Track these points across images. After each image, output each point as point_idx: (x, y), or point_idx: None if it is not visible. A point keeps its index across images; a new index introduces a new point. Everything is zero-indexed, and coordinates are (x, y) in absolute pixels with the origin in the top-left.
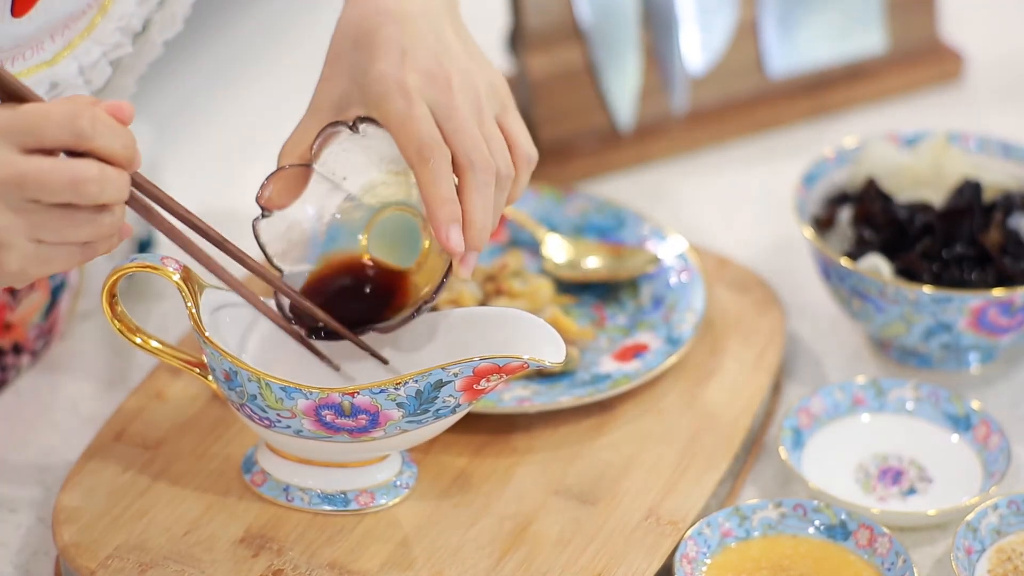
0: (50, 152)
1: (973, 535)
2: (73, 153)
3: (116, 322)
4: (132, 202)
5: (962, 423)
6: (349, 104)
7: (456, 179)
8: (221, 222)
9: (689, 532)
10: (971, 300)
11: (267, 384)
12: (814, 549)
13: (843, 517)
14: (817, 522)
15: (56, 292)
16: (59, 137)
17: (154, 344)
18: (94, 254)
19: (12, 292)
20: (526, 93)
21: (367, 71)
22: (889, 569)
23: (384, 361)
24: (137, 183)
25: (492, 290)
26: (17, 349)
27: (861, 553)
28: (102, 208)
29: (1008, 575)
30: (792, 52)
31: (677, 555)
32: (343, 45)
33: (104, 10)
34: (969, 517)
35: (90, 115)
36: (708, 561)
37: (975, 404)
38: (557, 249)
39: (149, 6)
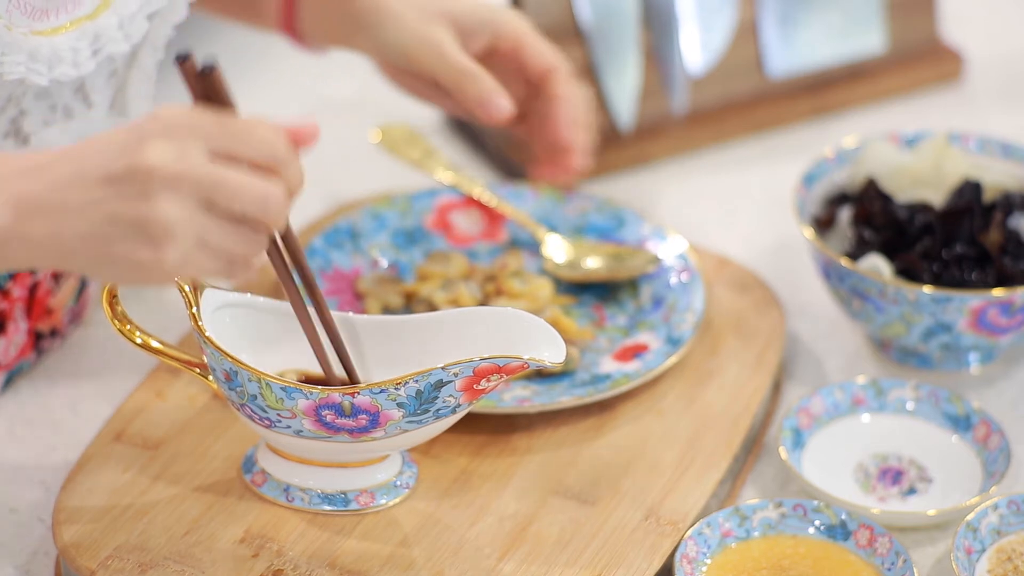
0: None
1: (973, 535)
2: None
3: (116, 322)
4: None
5: (962, 423)
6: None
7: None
8: None
9: (689, 532)
10: (971, 300)
11: (267, 384)
12: (814, 549)
13: (843, 517)
14: (817, 522)
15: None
16: (255, 155)
17: (154, 344)
18: (233, 274)
19: (56, 277)
20: None
21: (483, 14)
22: (889, 569)
23: (356, 382)
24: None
25: (492, 290)
26: (53, 333)
27: (861, 553)
28: (263, 229)
29: (1008, 575)
30: (792, 52)
31: (677, 555)
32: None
33: None
34: (969, 517)
35: (286, 144)
36: (708, 561)
37: (975, 404)
38: (557, 249)
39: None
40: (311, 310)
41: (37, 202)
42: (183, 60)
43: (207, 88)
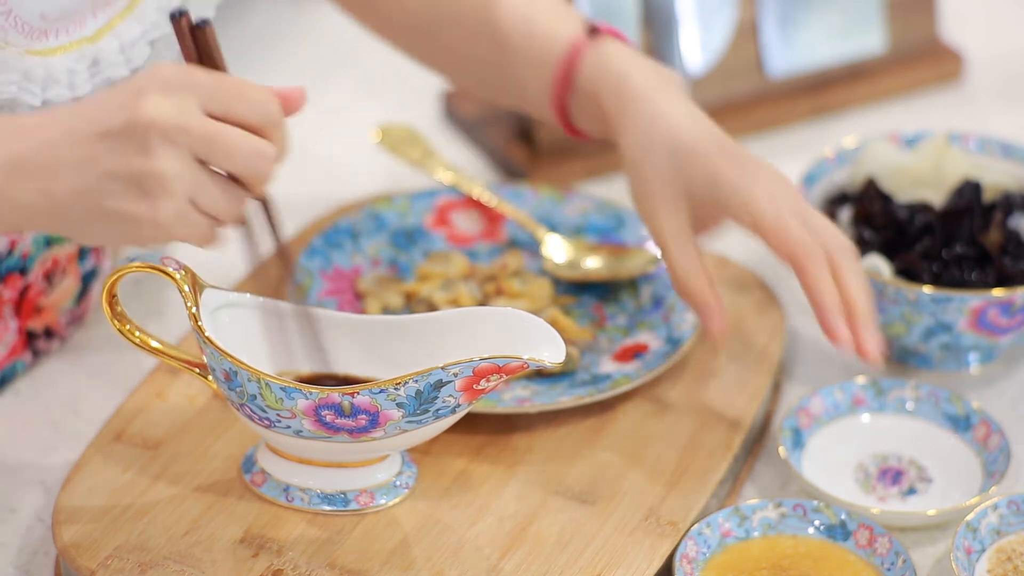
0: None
1: (973, 535)
2: None
3: (116, 322)
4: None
5: (962, 423)
6: (705, 215)
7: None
8: None
9: (689, 532)
10: (971, 300)
11: (267, 384)
12: (814, 549)
13: (843, 517)
14: (817, 522)
15: (87, 279)
16: (247, 114)
17: (154, 344)
18: (213, 240)
19: (48, 277)
20: None
21: (718, 184)
22: (889, 569)
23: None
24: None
25: (492, 290)
26: (49, 333)
27: (861, 553)
28: (248, 191)
29: (1008, 575)
30: (792, 52)
31: (677, 555)
32: (663, 165)
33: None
34: (969, 517)
35: (278, 104)
36: (708, 561)
37: (975, 404)
38: (557, 249)
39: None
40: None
41: (27, 161)
42: (178, 17)
43: (200, 45)
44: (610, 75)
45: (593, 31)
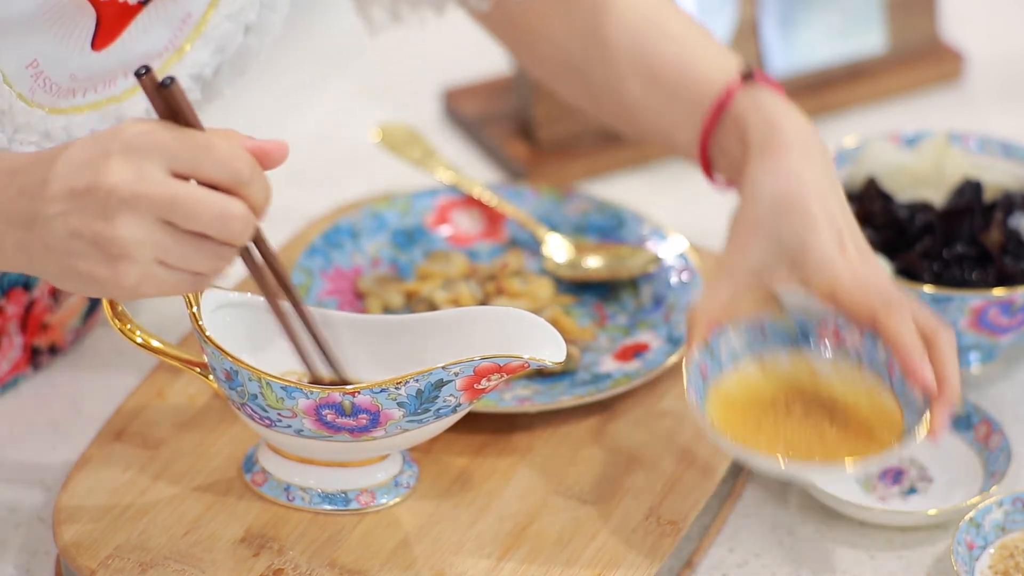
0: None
1: (976, 531)
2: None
3: (117, 322)
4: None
5: (962, 423)
6: (772, 271)
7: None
8: None
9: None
10: (971, 300)
11: (268, 384)
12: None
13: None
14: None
15: (95, 298)
16: (216, 174)
17: (154, 344)
18: (200, 287)
19: (54, 295)
20: (526, 93)
21: (805, 245)
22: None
23: (345, 381)
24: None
25: (493, 290)
26: (53, 350)
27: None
28: (227, 246)
29: (1010, 571)
30: (792, 52)
31: (692, 365)
32: (759, 211)
33: (181, 53)
34: (972, 513)
35: (249, 161)
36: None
37: (976, 404)
38: (557, 249)
39: (223, 56)
40: (291, 310)
41: (6, 208)
42: (142, 74)
43: (168, 103)
44: (760, 122)
45: (748, 76)
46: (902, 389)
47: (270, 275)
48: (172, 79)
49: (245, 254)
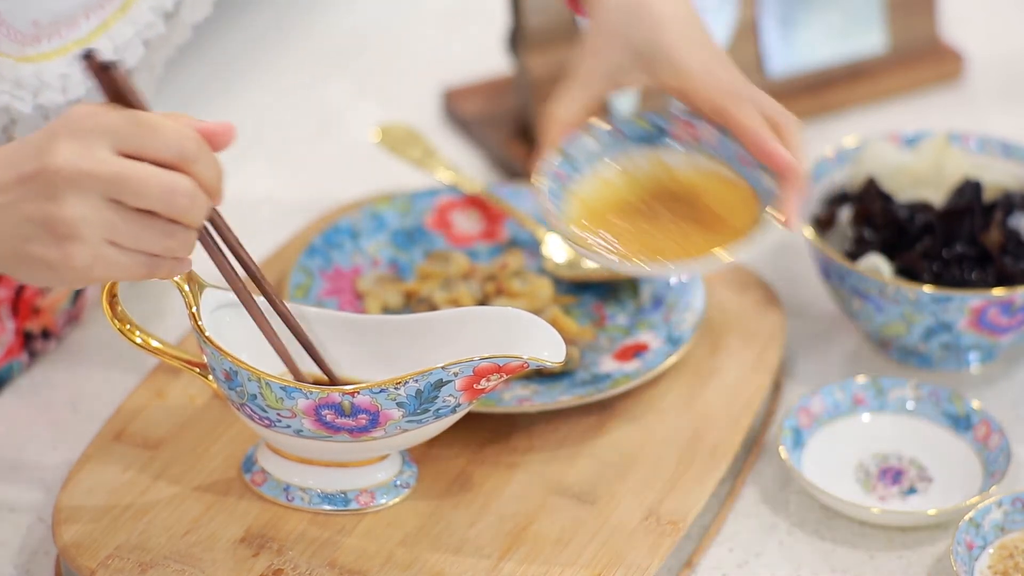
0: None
1: (976, 531)
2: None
3: (116, 322)
4: (202, 237)
5: (962, 423)
6: (624, 74)
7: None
8: (227, 207)
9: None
10: (971, 300)
11: (267, 384)
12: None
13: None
14: None
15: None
16: (163, 152)
17: (154, 344)
18: (156, 272)
19: None
20: (526, 93)
21: (655, 43)
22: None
23: (333, 380)
24: (216, 220)
25: (492, 290)
26: (46, 334)
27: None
28: (178, 225)
29: (1009, 571)
30: (792, 52)
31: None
32: (609, 16)
33: None
34: (972, 513)
35: (196, 139)
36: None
37: (975, 404)
38: (557, 249)
39: None
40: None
41: None
42: (86, 57)
43: (112, 85)
44: None
45: None
46: (757, 182)
47: (238, 265)
48: (114, 62)
49: (208, 242)
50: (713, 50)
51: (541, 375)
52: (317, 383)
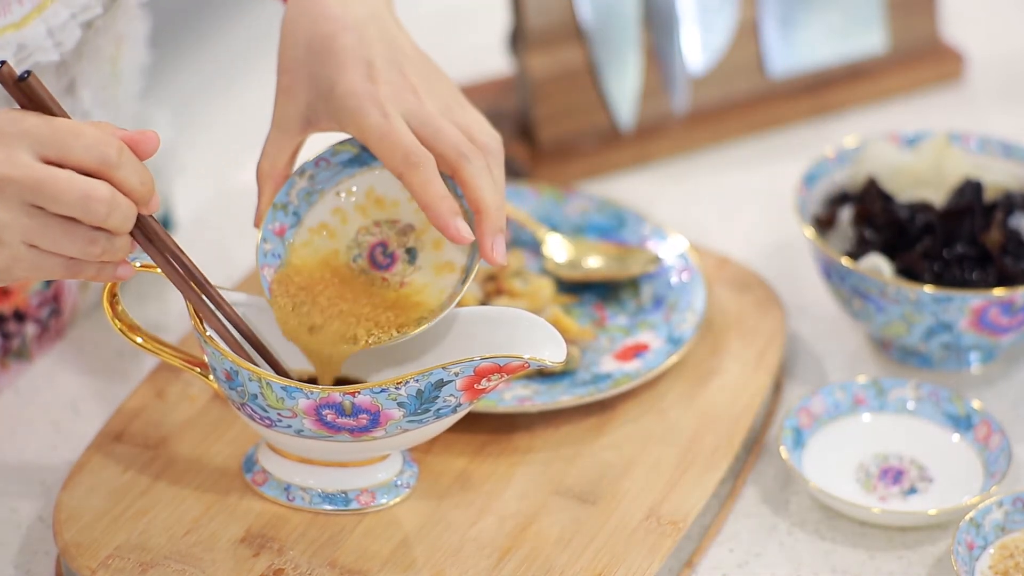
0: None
1: (976, 531)
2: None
3: (117, 322)
4: (149, 246)
5: (963, 423)
6: (318, 118)
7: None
8: (229, 206)
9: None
10: (972, 300)
11: (268, 384)
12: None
13: None
14: None
15: None
16: (83, 158)
17: (155, 344)
18: (81, 273)
19: None
20: (526, 93)
21: (333, 85)
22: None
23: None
24: (151, 226)
25: (493, 290)
26: (19, 316)
27: None
28: (101, 231)
29: (1010, 571)
30: (792, 52)
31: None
32: (296, 54)
33: None
34: (973, 513)
35: (117, 146)
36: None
37: (976, 404)
38: (558, 249)
39: None
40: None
41: None
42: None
43: (28, 95)
44: None
45: None
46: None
47: (185, 268)
48: (29, 72)
49: (148, 246)
50: (399, 86)
51: (542, 375)
52: (311, 381)
